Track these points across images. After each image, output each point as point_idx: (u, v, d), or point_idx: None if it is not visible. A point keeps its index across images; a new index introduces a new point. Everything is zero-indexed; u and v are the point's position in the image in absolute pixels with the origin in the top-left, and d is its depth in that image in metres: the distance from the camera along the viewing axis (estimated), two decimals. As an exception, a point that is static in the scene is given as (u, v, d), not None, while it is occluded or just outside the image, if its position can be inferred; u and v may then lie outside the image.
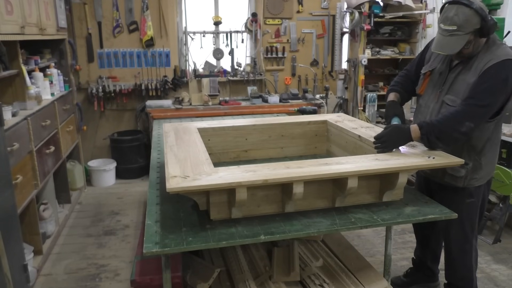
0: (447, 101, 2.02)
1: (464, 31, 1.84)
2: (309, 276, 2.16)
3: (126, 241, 3.34)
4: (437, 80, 2.11)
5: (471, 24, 1.84)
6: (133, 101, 4.94)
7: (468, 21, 1.83)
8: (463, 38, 1.85)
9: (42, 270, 2.90)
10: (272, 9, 5.10)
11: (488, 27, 1.85)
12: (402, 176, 1.79)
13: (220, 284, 2.20)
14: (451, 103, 2.00)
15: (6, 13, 2.55)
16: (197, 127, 2.50)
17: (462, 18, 1.83)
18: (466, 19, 1.83)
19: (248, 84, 5.12)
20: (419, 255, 2.62)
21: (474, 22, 1.84)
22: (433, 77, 2.14)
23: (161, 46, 4.88)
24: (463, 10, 1.84)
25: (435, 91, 2.11)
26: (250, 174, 1.65)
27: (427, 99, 2.15)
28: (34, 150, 2.82)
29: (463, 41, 1.86)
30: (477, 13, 1.82)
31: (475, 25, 1.84)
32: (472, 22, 1.83)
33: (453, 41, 1.87)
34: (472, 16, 1.83)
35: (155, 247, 1.53)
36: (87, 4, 4.61)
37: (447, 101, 2.03)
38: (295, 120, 2.73)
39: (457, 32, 1.85)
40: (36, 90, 3.06)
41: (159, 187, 2.13)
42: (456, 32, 1.85)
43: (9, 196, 2.11)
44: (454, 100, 1.99)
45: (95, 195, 4.36)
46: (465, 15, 1.83)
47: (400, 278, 2.69)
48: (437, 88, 2.10)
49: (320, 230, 1.69)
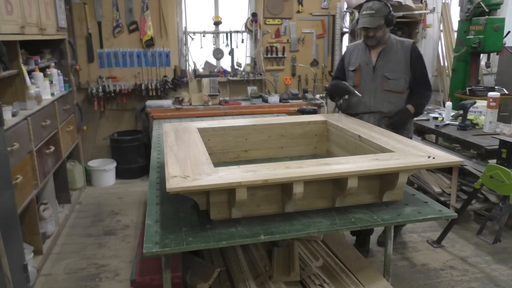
0: (388, 76, 2.78)
1: (379, 14, 2.69)
2: (309, 276, 2.16)
3: (126, 241, 3.34)
4: (367, 68, 2.84)
5: (383, 11, 2.69)
6: (133, 101, 4.94)
7: (380, 9, 2.70)
8: (379, 19, 2.69)
9: (42, 270, 2.90)
10: (272, 9, 5.10)
11: (392, 16, 2.71)
12: (402, 176, 1.79)
13: (220, 284, 2.20)
14: (391, 76, 2.77)
15: (6, 13, 2.55)
16: (197, 127, 2.50)
17: (377, 6, 2.71)
18: (379, 7, 2.70)
19: (248, 84, 5.12)
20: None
21: (384, 10, 2.70)
22: (362, 68, 2.86)
23: (161, 46, 4.88)
24: (377, 2, 2.72)
25: (369, 75, 2.84)
26: (250, 174, 1.65)
27: (364, 84, 2.85)
28: (34, 150, 2.82)
29: (378, 21, 2.69)
30: (385, 5, 2.72)
31: (385, 12, 2.70)
32: (383, 10, 2.70)
33: (372, 19, 2.70)
34: (383, 6, 2.71)
35: (155, 247, 1.53)
36: (87, 4, 4.61)
37: (387, 76, 2.78)
38: (295, 120, 2.73)
39: (375, 15, 2.69)
40: (36, 90, 3.06)
41: (159, 187, 2.13)
42: (374, 14, 2.69)
43: (9, 196, 2.11)
44: (393, 74, 2.77)
45: (95, 195, 4.36)
46: (379, 5, 2.71)
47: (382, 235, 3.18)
48: (370, 73, 2.83)
49: (320, 230, 1.69)
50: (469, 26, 4.58)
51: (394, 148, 2.00)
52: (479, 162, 3.13)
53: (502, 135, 3.09)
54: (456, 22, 5.01)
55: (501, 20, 4.43)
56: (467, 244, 3.25)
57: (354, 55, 2.91)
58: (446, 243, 3.24)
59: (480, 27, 4.42)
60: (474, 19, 4.53)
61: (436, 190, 3.69)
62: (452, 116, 3.71)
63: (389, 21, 2.71)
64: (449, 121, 3.61)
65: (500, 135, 3.07)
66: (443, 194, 3.66)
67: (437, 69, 5.81)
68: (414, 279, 2.79)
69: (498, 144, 2.78)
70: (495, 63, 5.62)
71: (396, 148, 2.00)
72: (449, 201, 3.48)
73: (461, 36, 4.76)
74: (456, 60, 4.92)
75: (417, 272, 2.88)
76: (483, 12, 4.54)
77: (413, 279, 2.79)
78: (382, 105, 2.80)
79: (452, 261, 3.02)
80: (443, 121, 3.63)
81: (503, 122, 3.70)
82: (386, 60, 2.78)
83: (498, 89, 4.36)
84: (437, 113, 4.02)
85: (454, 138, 3.29)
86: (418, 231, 3.46)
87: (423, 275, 2.84)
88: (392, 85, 2.77)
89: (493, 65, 5.47)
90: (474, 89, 4.45)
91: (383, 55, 2.79)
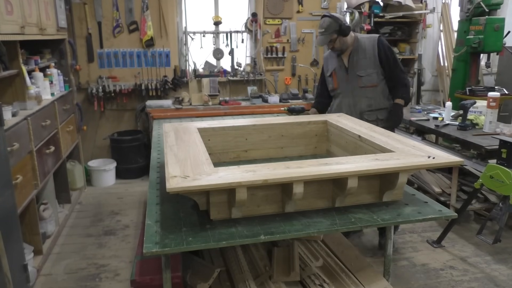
0: (359, 73, 2.94)
1: (328, 31, 2.85)
2: (309, 276, 2.16)
3: (126, 241, 3.34)
4: (341, 71, 3.02)
5: (332, 27, 2.84)
6: (133, 101, 4.94)
7: (330, 25, 2.84)
8: (329, 36, 2.87)
9: (42, 270, 2.90)
10: (272, 9, 5.10)
11: (344, 27, 2.85)
12: (402, 176, 1.78)
13: (220, 284, 2.20)
14: (362, 73, 2.93)
15: (6, 13, 2.55)
16: (197, 127, 2.50)
17: (326, 24, 2.86)
18: (328, 24, 2.85)
19: (248, 84, 5.12)
20: None
21: (333, 26, 2.84)
22: (337, 72, 3.04)
23: (161, 46, 4.88)
24: (327, 19, 2.87)
25: (343, 77, 3.01)
26: (250, 174, 1.65)
27: (342, 86, 3.04)
28: (34, 150, 2.82)
29: (329, 37, 2.87)
30: (335, 20, 2.84)
31: (334, 27, 2.84)
32: (332, 26, 2.84)
33: (323, 38, 2.89)
34: (332, 22, 2.84)
35: (155, 247, 1.53)
36: (87, 4, 4.61)
37: (359, 74, 2.94)
38: (295, 120, 2.73)
39: (325, 33, 2.86)
40: (36, 90, 3.06)
41: (159, 187, 2.13)
42: (324, 32, 2.87)
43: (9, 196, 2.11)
44: (364, 71, 2.93)
45: (95, 195, 4.37)
46: (328, 22, 2.85)
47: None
48: (344, 75, 3.01)
49: (320, 230, 1.69)
50: (469, 26, 4.58)
51: (394, 148, 1.99)
52: (479, 162, 3.13)
53: (502, 135, 3.09)
54: (456, 22, 5.02)
55: (501, 20, 4.43)
56: (467, 244, 3.25)
57: (329, 62, 3.12)
58: (446, 243, 3.24)
59: (480, 27, 4.42)
60: (474, 19, 4.54)
61: (436, 190, 3.69)
62: (452, 116, 3.71)
63: (343, 31, 2.86)
64: (449, 121, 3.61)
65: (500, 135, 3.07)
66: (443, 194, 3.66)
67: (437, 69, 5.82)
68: (414, 279, 2.79)
69: (498, 144, 2.78)
70: (495, 63, 5.62)
71: (396, 148, 2.00)
72: (449, 201, 3.48)
73: (461, 36, 4.76)
74: (456, 60, 4.93)
75: (417, 272, 2.88)
76: (483, 12, 4.54)
77: (413, 279, 2.79)
78: (361, 101, 2.98)
79: (452, 261, 3.02)
80: (443, 121, 3.63)
81: (503, 122, 3.70)
82: (356, 59, 2.95)
83: (498, 89, 4.36)
84: (437, 113, 4.02)
85: (454, 138, 3.29)
86: (418, 231, 3.47)
87: (423, 275, 2.84)
88: (366, 81, 2.94)
89: (493, 65, 5.47)
90: (474, 89, 4.45)
91: (352, 56, 2.96)
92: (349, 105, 3.02)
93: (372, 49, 2.92)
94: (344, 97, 3.05)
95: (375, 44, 2.91)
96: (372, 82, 2.94)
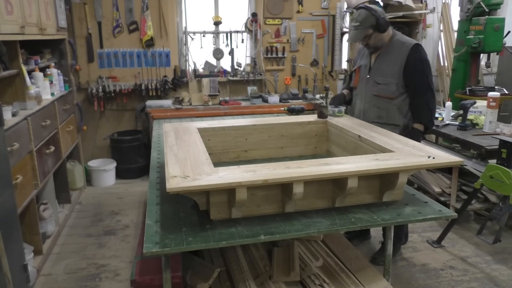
0: (377, 80, 2.67)
1: (364, 25, 2.56)
2: (309, 276, 2.16)
3: (126, 241, 3.34)
4: (364, 71, 2.78)
5: (368, 21, 2.55)
6: (133, 101, 4.94)
7: (365, 19, 2.55)
8: (364, 31, 2.58)
9: (42, 270, 2.90)
10: (272, 9, 5.10)
11: (382, 21, 2.55)
12: (402, 176, 1.79)
13: (220, 284, 2.20)
14: (381, 81, 2.66)
15: (6, 13, 2.55)
16: (197, 127, 2.50)
17: (361, 17, 2.57)
18: (364, 18, 2.56)
19: (248, 84, 5.12)
20: None
21: (369, 20, 2.54)
22: (361, 70, 2.81)
23: (161, 46, 4.88)
24: (363, 12, 2.58)
25: (364, 78, 2.77)
26: (250, 174, 1.65)
27: (361, 87, 2.80)
28: (34, 150, 2.82)
29: (364, 33, 2.58)
30: (372, 14, 2.54)
31: (370, 22, 2.54)
32: (368, 20, 2.55)
33: (357, 33, 2.61)
34: (368, 16, 2.55)
35: (155, 247, 1.53)
36: (87, 4, 4.61)
37: (377, 80, 2.68)
38: (295, 120, 2.73)
39: (359, 27, 2.58)
40: (36, 90, 3.06)
41: (159, 187, 2.13)
42: (359, 27, 2.58)
43: (9, 196, 2.11)
44: (382, 79, 2.65)
45: (95, 195, 4.36)
46: (364, 15, 2.56)
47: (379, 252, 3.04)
48: (365, 76, 2.76)
49: (320, 230, 1.69)
50: (469, 26, 4.58)
51: (394, 148, 2.00)
52: (479, 162, 3.13)
53: (502, 135, 3.09)
54: (456, 22, 5.01)
55: (501, 20, 4.42)
56: (467, 244, 3.25)
57: (360, 56, 2.87)
58: (446, 243, 3.24)
59: (480, 27, 4.41)
60: (474, 19, 4.53)
61: (436, 190, 3.69)
62: (452, 116, 3.71)
63: (380, 27, 2.56)
64: (449, 121, 3.61)
65: (500, 135, 3.06)
66: (443, 194, 3.65)
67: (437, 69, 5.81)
68: (414, 279, 2.79)
69: (498, 144, 2.78)
70: (495, 63, 5.62)
71: (396, 148, 2.00)
72: (449, 201, 3.48)
73: (461, 36, 4.76)
74: (456, 60, 4.92)
75: (417, 272, 2.88)
76: (483, 12, 4.53)
77: (413, 279, 2.79)
78: (371, 110, 2.73)
79: (452, 261, 3.02)
80: (443, 121, 3.63)
81: (503, 122, 3.69)
82: (381, 63, 2.67)
83: (498, 89, 4.36)
84: (437, 113, 4.02)
85: (454, 138, 3.28)
86: (418, 231, 3.46)
87: (423, 275, 2.84)
88: (381, 90, 2.65)
89: (493, 65, 5.47)
90: (474, 89, 4.45)
91: (380, 58, 2.69)
92: (359, 110, 2.81)
93: (401, 56, 2.57)
94: (358, 100, 2.83)
95: (407, 51, 2.55)
96: (388, 94, 2.63)
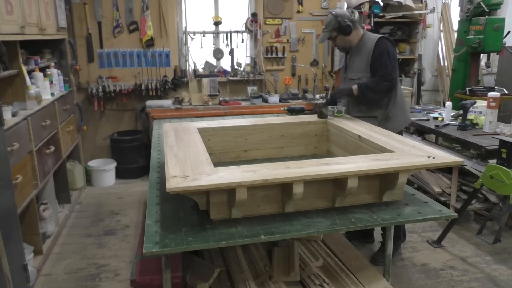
0: (351, 77, 2.81)
1: (328, 28, 2.77)
2: (309, 276, 2.16)
3: (126, 241, 3.34)
4: (342, 71, 2.97)
5: (331, 25, 2.74)
6: (133, 101, 4.94)
7: (330, 23, 2.75)
8: (328, 33, 2.78)
9: (42, 270, 2.90)
10: (272, 9, 5.10)
11: (344, 24, 2.70)
12: (402, 176, 1.79)
13: (220, 284, 2.20)
14: (354, 77, 2.79)
15: (6, 13, 2.55)
16: (197, 127, 2.50)
17: (327, 21, 2.78)
18: (328, 22, 2.76)
19: (248, 84, 5.12)
20: None
21: (332, 23, 2.74)
22: (341, 71, 3.01)
23: (161, 46, 4.88)
24: (329, 16, 2.77)
25: (342, 78, 2.96)
26: (250, 174, 1.65)
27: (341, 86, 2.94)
28: (34, 150, 2.82)
29: (328, 35, 2.78)
30: (336, 18, 2.72)
31: (334, 25, 2.73)
32: (332, 23, 2.74)
33: (323, 35, 2.82)
34: (332, 19, 2.73)
35: (155, 247, 1.53)
36: (87, 4, 4.61)
37: (351, 77, 2.81)
38: (295, 120, 2.73)
39: (325, 30, 2.80)
40: (36, 90, 3.06)
41: (159, 187, 2.13)
42: (324, 29, 2.81)
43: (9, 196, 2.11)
44: (355, 75, 2.79)
45: (95, 195, 4.36)
46: (328, 19, 2.76)
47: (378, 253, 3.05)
48: (342, 75, 2.96)
49: (320, 230, 1.69)
50: (469, 26, 4.58)
51: (394, 148, 2.00)
52: (479, 162, 3.13)
53: (502, 135, 3.09)
54: (456, 22, 5.02)
55: (501, 20, 4.43)
56: (467, 244, 3.25)
57: (340, 58, 3.10)
58: (446, 243, 3.24)
59: (480, 27, 4.42)
60: (474, 19, 4.54)
61: (436, 190, 3.69)
62: (452, 116, 3.71)
63: (343, 30, 2.71)
64: (449, 121, 3.61)
65: (500, 135, 3.06)
66: (443, 194, 3.65)
67: (437, 69, 5.82)
68: (414, 279, 2.79)
69: (498, 144, 2.78)
70: (495, 63, 5.62)
71: (396, 148, 2.00)
72: (449, 201, 3.48)
73: (461, 36, 4.76)
74: (456, 60, 4.93)
75: (417, 272, 2.88)
76: (483, 12, 4.54)
77: (413, 279, 2.79)
78: (352, 105, 2.87)
79: (452, 261, 3.02)
80: (443, 121, 3.63)
81: (503, 122, 3.69)
82: (353, 61, 2.82)
83: (498, 89, 4.36)
84: (437, 113, 4.02)
85: (454, 138, 3.28)
86: (418, 231, 3.46)
87: (423, 275, 2.84)
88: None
89: (493, 65, 5.48)
90: (474, 89, 4.45)
91: (351, 56, 2.84)
92: (347, 107, 2.92)
93: (368, 50, 2.69)
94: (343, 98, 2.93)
95: (372, 45, 2.67)
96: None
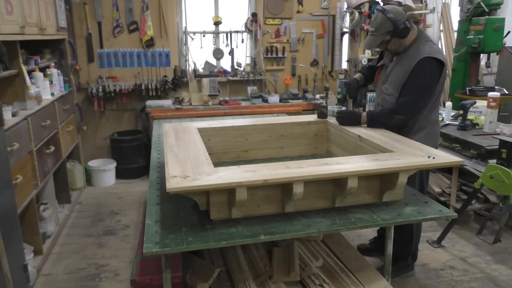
0: (383, 89, 2.45)
1: (379, 32, 2.32)
2: (309, 276, 2.16)
3: (126, 241, 3.34)
4: (383, 72, 2.53)
5: (384, 27, 2.29)
6: (133, 101, 4.94)
7: (381, 25, 2.30)
8: (380, 37, 2.33)
9: (42, 270, 2.90)
10: (272, 9, 5.10)
11: (401, 26, 2.26)
12: (402, 176, 1.79)
13: (220, 284, 2.20)
14: (385, 91, 2.43)
15: (6, 13, 2.55)
16: (197, 127, 2.50)
17: (377, 23, 2.32)
18: (379, 24, 2.31)
19: (248, 84, 5.12)
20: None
21: (385, 26, 2.29)
22: (383, 70, 2.55)
23: (161, 46, 4.88)
24: (379, 17, 2.32)
25: (382, 79, 2.53)
26: (250, 174, 1.65)
27: (377, 87, 2.59)
28: (34, 150, 2.82)
29: (380, 39, 2.33)
30: (388, 19, 2.27)
31: (387, 28, 2.29)
32: (384, 26, 2.29)
33: (372, 39, 2.36)
34: (384, 21, 2.29)
35: (155, 247, 1.53)
36: (87, 4, 4.61)
37: (383, 90, 2.45)
38: (295, 120, 2.74)
39: (375, 33, 2.34)
40: (36, 90, 3.06)
41: (159, 187, 2.13)
42: (374, 33, 2.34)
43: (9, 196, 2.11)
44: (387, 88, 2.42)
45: (95, 195, 4.36)
46: (380, 20, 2.31)
47: (365, 244, 3.08)
48: (383, 77, 2.52)
49: (320, 230, 1.69)
50: (469, 26, 4.58)
51: (394, 148, 2.00)
52: (479, 162, 3.13)
53: (502, 135, 3.09)
54: (456, 22, 5.01)
55: (501, 20, 4.42)
56: (467, 244, 3.25)
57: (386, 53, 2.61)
58: (446, 243, 3.24)
59: (480, 27, 4.41)
60: (474, 19, 4.53)
61: (436, 190, 3.69)
62: (452, 116, 3.71)
63: (399, 33, 2.27)
64: (449, 121, 3.61)
65: (500, 135, 3.06)
66: (443, 194, 3.65)
67: (437, 69, 5.81)
68: (414, 279, 2.79)
69: (498, 144, 2.78)
70: (495, 63, 5.62)
71: (396, 148, 2.00)
72: (449, 201, 3.48)
73: (461, 36, 4.76)
74: (456, 60, 4.92)
75: (417, 272, 2.88)
76: (483, 12, 4.53)
77: (413, 279, 2.79)
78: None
79: (452, 261, 3.02)
80: (443, 121, 3.63)
81: (503, 122, 3.69)
82: (392, 70, 2.43)
83: (498, 89, 4.36)
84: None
85: (454, 138, 3.28)
86: (418, 231, 3.46)
87: (423, 275, 2.84)
88: (384, 100, 2.46)
89: (493, 65, 5.47)
90: (474, 89, 4.45)
91: (396, 64, 2.42)
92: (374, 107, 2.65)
93: (408, 66, 2.28)
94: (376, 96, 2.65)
95: (413, 64, 2.25)
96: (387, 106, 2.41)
